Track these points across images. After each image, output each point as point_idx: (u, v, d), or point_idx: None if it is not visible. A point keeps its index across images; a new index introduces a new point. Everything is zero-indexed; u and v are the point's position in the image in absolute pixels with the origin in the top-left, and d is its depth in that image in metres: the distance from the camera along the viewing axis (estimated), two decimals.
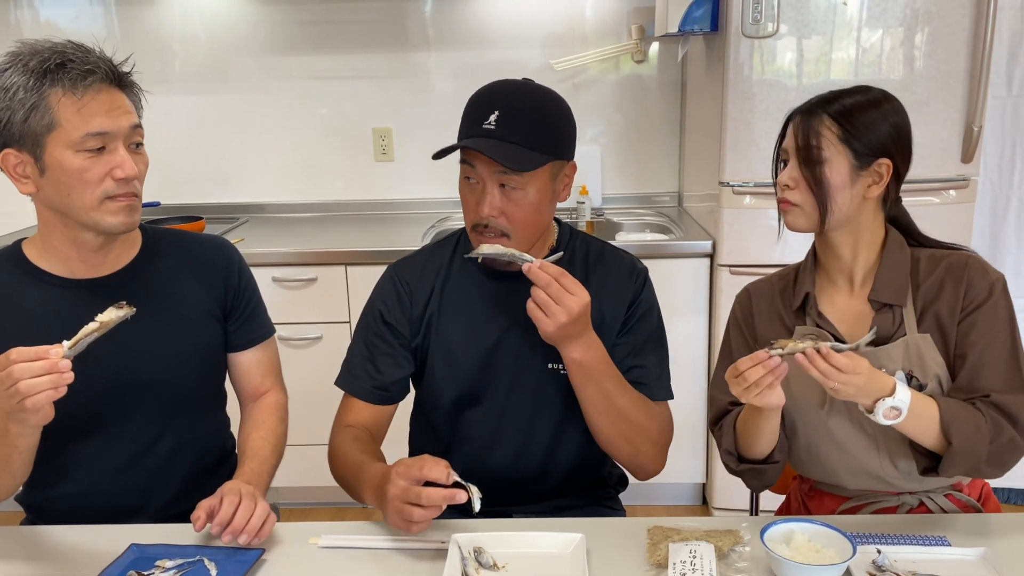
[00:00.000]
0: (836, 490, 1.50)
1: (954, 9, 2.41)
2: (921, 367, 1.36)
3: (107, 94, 1.31)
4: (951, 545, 1.26)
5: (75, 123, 1.28)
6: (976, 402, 1.32)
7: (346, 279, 2.79)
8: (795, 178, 1.37)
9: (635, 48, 3.23)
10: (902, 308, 1.39)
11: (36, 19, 3.31)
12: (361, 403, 1.53)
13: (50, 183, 1.32)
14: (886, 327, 1.39)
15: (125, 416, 1.45)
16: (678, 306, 2.71)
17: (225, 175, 3.46)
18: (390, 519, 1.26)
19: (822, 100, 1.38)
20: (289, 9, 3.26)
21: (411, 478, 1.22)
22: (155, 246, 1.51)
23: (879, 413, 1.24)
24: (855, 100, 1.37)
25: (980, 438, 1.28)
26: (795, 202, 1.38)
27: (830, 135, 1.35)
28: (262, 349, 1.61)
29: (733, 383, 1.28)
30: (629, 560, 1.25)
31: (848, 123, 1.35)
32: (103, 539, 1.32)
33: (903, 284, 1.40)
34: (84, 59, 1.29)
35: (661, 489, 3.00)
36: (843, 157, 1.35)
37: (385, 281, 1.57)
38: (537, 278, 1.31)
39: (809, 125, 1.36)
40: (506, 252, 1.35)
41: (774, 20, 2.43)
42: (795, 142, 1.37)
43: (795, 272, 1.51)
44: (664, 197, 3.40)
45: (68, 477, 1.46)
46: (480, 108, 1.40)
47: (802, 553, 1.19)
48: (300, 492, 3.04)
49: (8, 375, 1.12)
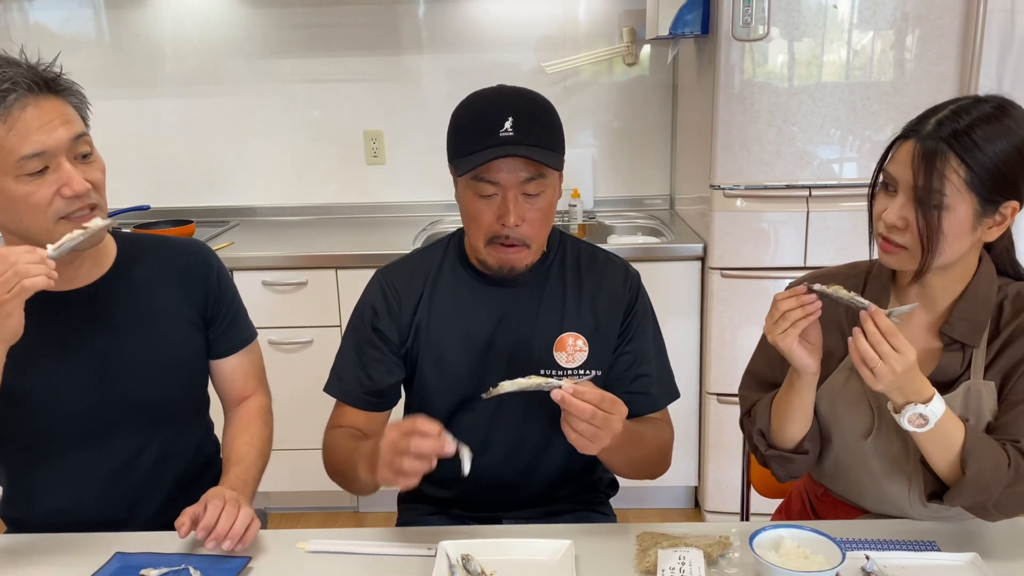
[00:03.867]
0: (854, 504, 1.46)
1: (944, 12, 2.41)
2: (978, 415, 1.28)
3: (36, 108, 1.21)
4: (940, 551, 1.26)
5: (6, 148, 1.19)
6: (1006, 444, 1.23)
7: (337, 283, 2.78)
8: (907, 219, 1.22)
9: (627, 51, 3.23)
10: (974, 349, 1.28)
11: (26, 22, 3.30)
12: (353, 410, 1.52)
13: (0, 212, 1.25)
14: (952, 366, 1.29)
15: (109, 431, 1.42)
16: (670, 309, 2.70)
17: (216, 178, 3.45)
18: (380, 473, 1.23)
19: (948, 130, 1.19)
20: (281, 12, 3.25)
21: (402, 430, 1.20)
22: (131, 254, 1.46)
23: (905, 416, 1.18)
24: (991, 136, 1.18)
25: (997, 478, 1.21)
26: (903, 244, 1.24)
27: (956, 179, 1.18)
28: (245, 354, 1.58)
29: (768, 318, 1.24)
30: (618, 566, 1.25)
31: (978, 165, 1.17)
32: (88, 547, 1.31)
33: (981, 323, 1.28)
34: (3, 75, 1.19)
35: (653, 493, 3.00)
36: (968, 205, 1.19)
37: (373, 287, 1.56)
38: (578, 410, 1.20)
39: (932, 166, 1.18)
40: (531, 384, 1.24)
41: (764, 23, 2.43)
42: (912, 179, 1.20)
43: (864, 279, 1.39)
44: (656, 200, 3.40)
45: (51, 492, 1.44)
46: (490, 117, 1.37)
47: (791, 559, 1.19)
48: (290, 497, 3.03)
49: (3, 258, 1.11)
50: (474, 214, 1.42)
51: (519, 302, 1.52)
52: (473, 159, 1.36)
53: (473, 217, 1.43)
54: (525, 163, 1.37)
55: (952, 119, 1.20)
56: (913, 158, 1.20)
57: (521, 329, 1.51)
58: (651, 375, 1.55)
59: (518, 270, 1.46)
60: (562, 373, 1.51)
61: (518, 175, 1.37)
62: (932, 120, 1.21)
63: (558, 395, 1.20)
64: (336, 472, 1.48)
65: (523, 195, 1.39)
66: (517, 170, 1.37)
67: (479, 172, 1.37)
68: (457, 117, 1.44)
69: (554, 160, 1.39)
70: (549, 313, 1.51)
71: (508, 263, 1.44)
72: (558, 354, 1.50)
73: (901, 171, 1.22)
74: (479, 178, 1.38)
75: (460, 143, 1.41)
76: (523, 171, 1.37)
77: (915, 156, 1.20)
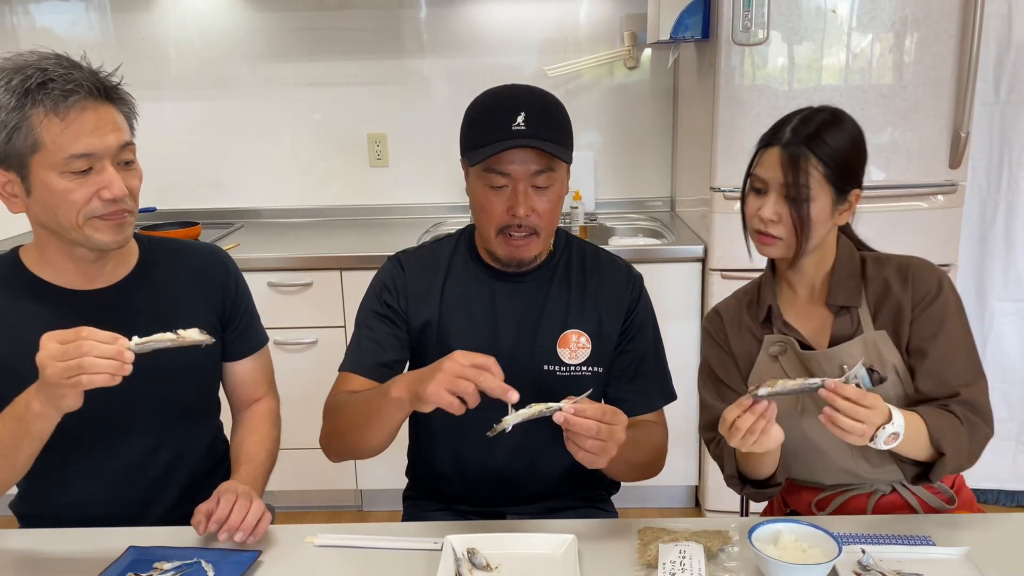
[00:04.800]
0: (811, 483, 1.54)
1: (942, 16, 2.44)
2: (880, 361, 1.42)
3: (93, 112, 1.27)
4: (935, 544, 1.28)
5: (59, 144, 1.25)
6: (949, 403, 1.38)
7: (341, 284, 2.81)
8: (779, 213, 1.40)
9: (628, 55, 3.25)
10: (857, 308, 1.46)
11: (32, 25, 3.32)
12: (360, 380, 1.50)
13: (37, 203, 1.30)
14: (845, 327, 1.46)
15: (124, 429, 1.45)
16: (670, 310, 2.72)
17: (220, 180, 3.48)
18: (431, 389, 1.21)
19: (802, 135, 1.39)
20: (284, 16, 3.28)
21: (473, 361, 1.21)
22: (152, 256, 1.50)
23: (880, 440, 1.24)
24: (836, 137, 1.39)
25: (962, 441, 1.35)
26: (778, 236, 1.42)
27: (816, 175, 1.38)
28: (257, 358, 1.61)
29: (728, 435, 1.27)
30: (620, 561, 1.27)
31: (833, 162, 1.38)
32: (101, 541, 1.33)
33: (856, 286, 1.47)
34: (67, 76, 1.25)
35: (654, 491, 3.02)
36: (827, 195, 1.40)
37: (391, 267, 1.59)
38: (583, 428, 1.22)
39: (798, 164, 1.37)
40: (532, 412, 1.24)
41: (764, 27, 2.46)
42: (781, 177, 1.39)
43: (757, 287, 1.57)
44: (656, 202, 3.43)
45: (67, 488, 1.46)
46: (503, 112, 1.41)
47: (789, 553, 1.21)
48: (295, 496, 3.06)
49: (78, 347, 1.11)
50: (485, 204, 1.46)
51: (526, 297, 1.55)
52: (487, 150, 1.40)
53: (484, 207, 1.46)
54: (536, 156, 1.40)
55: (803, 125, 1.40)
56: (781, 161, 1.39)
57: (526, 324, 1.54)
58: (649, 376, 1.59)
59: (527, 262, 1.50)
60: (564, 370, 1.53)
61: (529, 167, 1.41)
62: (787, 129, 1.41)
63: (560, 418, 1.23)
64: (342, 427, 1.45)
65: (533, 187, 1.43)
66: (528, 162, 1.40)
67: (491, 163, 1.41)
68: (471, 112, 1.48)
69: (564, 153, 1.43)
70: (554, 309, 1.55)
71: (517, 255, 1.48)
72: (561, 350, 1.53)
73: (770, 173, 1.41)
74: (491, 169, 1.42)
75: (474, 136, 1.44)
76: (534, 163, 1.41)
77: (782, 159, 1.39)
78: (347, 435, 1.44)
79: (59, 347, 1.12)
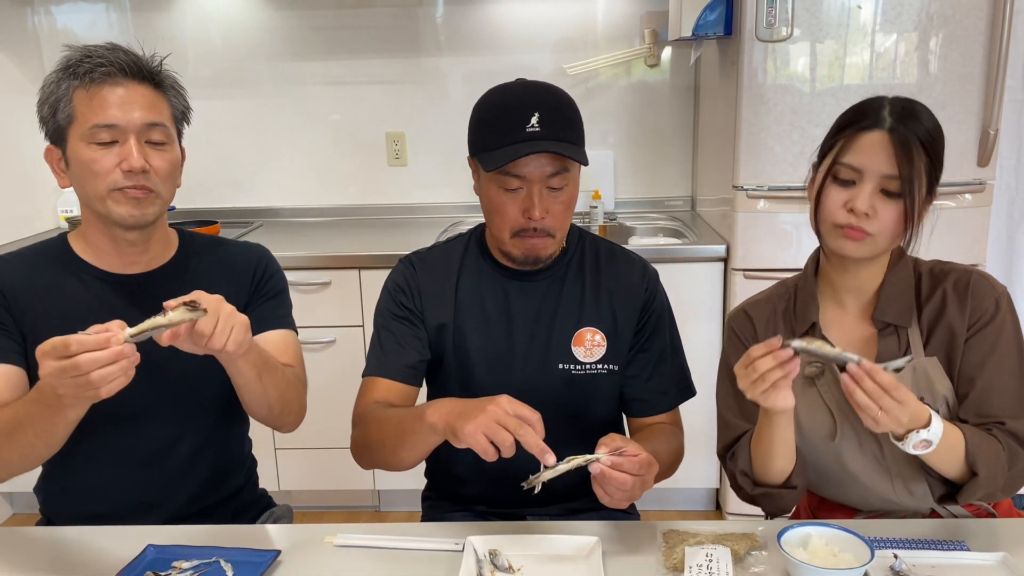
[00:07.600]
0: (846, 505, 1.47)
1: (970, 12, 2.40)
2: (931, 392, 1.32)
3: (125, 89, 1.33)
4: (970, 550, 1.25)
5: (86, 115, 1.32)
6: (992, 429, 1.28)
7: (360, 283, 2.80)
8: (875, 208, 1.26)
9: (648, 52, 3.23)
10: (907, 329, 1.33)
11: (53, 25, 3.34)
12: (387, 384, 1.48)
13: (73, 175, 1.37)
14: (891, 350, 1.33)
15: (148, 414, 1.45)
16: (691, 310, 2.70)
17: (239, 180, 3.48)
18: (468, 428, 1.18)
19: (906, 120, 1.25)
20: (303, 15, 3.28)
21: (516, 411, 1.18)
22: (191, 247, 1.53)
23: (909, 444, 1.18)
24: (935, 126, 1.26)
25: (1000, 467, 1.26)
26: (872, 232, 1.27)
27: (920, 166, 1.25)
28: (282, 334, 1.55)
29: (742, 374, 1.19)
30: (645, 563, 1.25)
31: (935, 155, 1.25)
32: (120, 540, 1.32)
33: (908, 304, 1.33)
34: (105, 56, 1.33)
35: (674, 494, 2.99)
36: (924, 189, 1.27)
37: (403, 269, 1.57)
38: (619, 483, 1.20)
39: (910, 152, 1.23)
40: (571, 466, 1.21)
41: (788, 24, 2.43)
42: (885, 166, 1.25)
43: (793, 292, 1.44)
44: (677, 201, 3.40)
45: (89, 470, 1.47)
46: (516, 113, 1.38)
47: (819, 557, 1.18)
48: (312, 495, 3.05)
49: (75, 366, 1.08)
50: (498, 207, 1.43)
51: (539, 295, 1.53)
52: (501, 154, 1.36)
53: (497, 210, 1.43)
54: (551, 158, 1.38)
55: (903, 111, 1.25)
56: (887, 148, 1.24)
57: (541, 322, 1.52)
58: (667, 373, 1.56)
59: (542, 260, 1.47)
60: (580, 368, 1.51)
61: (544, 170, 1.38)
62: (884, 113, 1.26)
63: (596, 469, 1.20)
64: (375, 442, 1.42)
65: (547, 189, 1.40)
66: (543, 165, 1.38)
67: (505, 166, 1.38)
68: (480, 111, 1.45)
69: (580, 154, 1.40)
70: (568, 307, 1.52)
71: (533, 252, 1.45)
72: (576, 348, 1.51)
73: (868, 161, 1.25)
74: (505, 172, 1.39)
75: (485, 137, 1.41)
76: (549, 166, 1.38)
77: (892, 146, 1.24)
78: (379, 451, 1.42)
79: (57, 365, 1.09)
